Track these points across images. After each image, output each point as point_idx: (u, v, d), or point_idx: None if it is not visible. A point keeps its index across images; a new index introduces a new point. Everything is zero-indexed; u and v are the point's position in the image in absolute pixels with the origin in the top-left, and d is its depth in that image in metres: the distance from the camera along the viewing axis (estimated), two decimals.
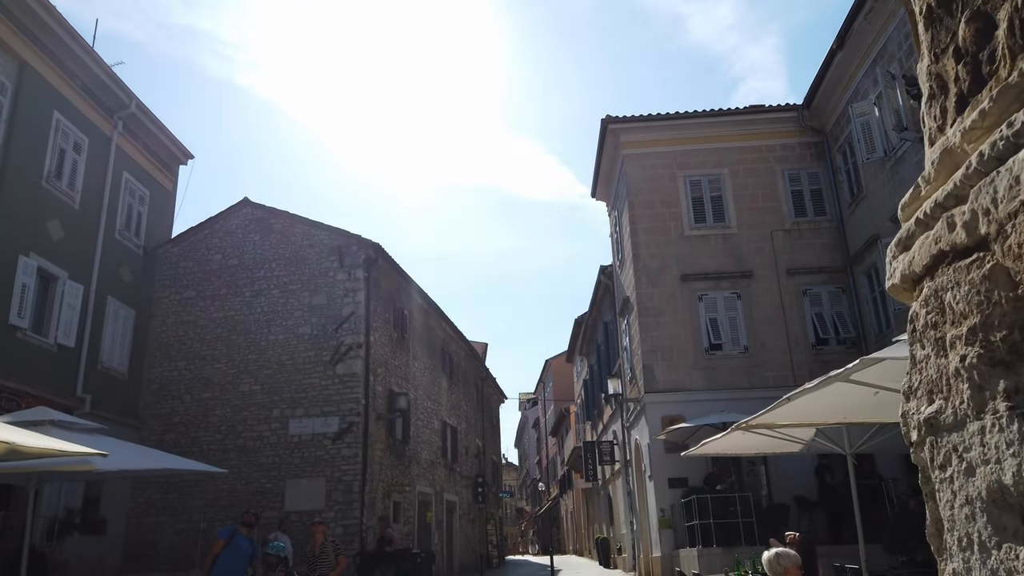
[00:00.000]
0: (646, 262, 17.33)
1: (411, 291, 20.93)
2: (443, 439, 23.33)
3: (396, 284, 19.92)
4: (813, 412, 7.34)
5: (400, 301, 20.26)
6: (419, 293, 21.36)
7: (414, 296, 21.24)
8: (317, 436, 16.77)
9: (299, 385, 17.22)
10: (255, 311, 18.03)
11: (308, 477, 16.51)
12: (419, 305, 21.80)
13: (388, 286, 19.36)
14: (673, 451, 15.97)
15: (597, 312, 24.70)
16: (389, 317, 19.27)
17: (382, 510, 17.43)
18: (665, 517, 15.67)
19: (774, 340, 16.57)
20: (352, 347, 17.20)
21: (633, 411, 18.41)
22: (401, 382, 19.57)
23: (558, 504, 51.19)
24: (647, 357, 16.72)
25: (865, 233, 15.67)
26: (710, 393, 16.14)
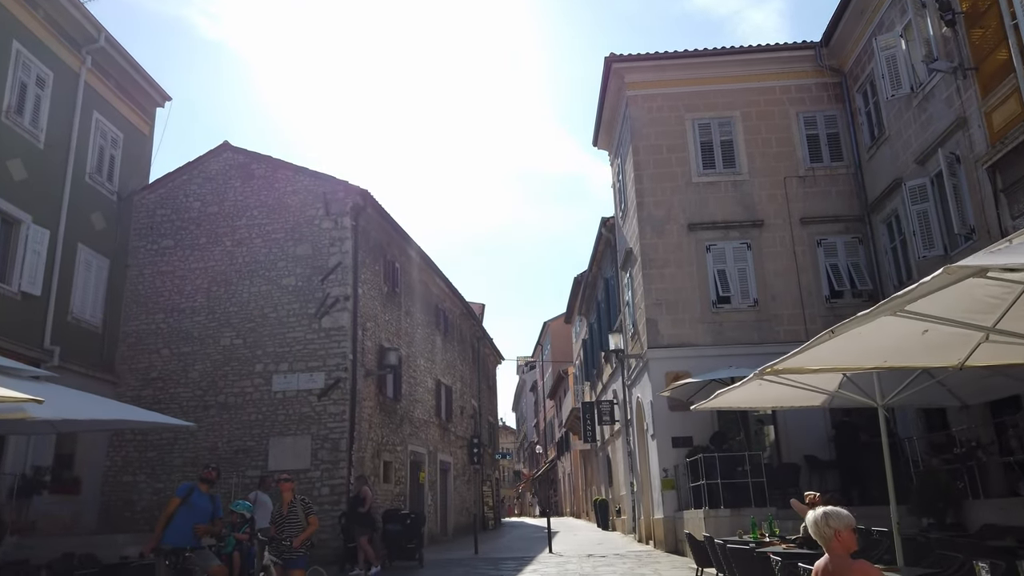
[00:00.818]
0: (651, 211, 16.32)
1: (403, 243, 19.92)
2: (437, 398, 22.52)
3: (387, 235, 18.90)
4: (847, 355, 6.41)
5: (391, 253, 19.27)
6: (411, 246, 20.35)
7: (406, 249, 20.24)
8: (302, 392, 15.91)
9: (283, 339, 16.31)
10: (236, 261, 17.04)
11: (293, 435, 15.70)
12: (411, 258, 20.81)
13: (378, 237, 18.34)
14: (678, 409, 15.16)
15: (597, 268, 23.74)
16: (379, 270, 18.29)
17: (371, 469, 16.65)
18: (668, 478, 14.90)
19: (786, 293, 15.65)
20: (339, 299, 16.25)
21: (635, 368, 17.55)
22: (392, 338, 18.67)
23: (555, 467, 50.86)
24: (651, 311, 15.80)
25: (886, 178, 14.63)
26: (717, 349, 15.27)
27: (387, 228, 18.75)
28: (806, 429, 14.84)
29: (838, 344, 5.94)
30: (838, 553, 3.86)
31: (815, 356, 6.31)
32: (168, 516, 6.88)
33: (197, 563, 6.61)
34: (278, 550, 6.93)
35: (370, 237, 17.75)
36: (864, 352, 6.36)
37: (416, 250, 20.70)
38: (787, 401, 9.54)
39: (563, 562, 13.65)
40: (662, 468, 15.00)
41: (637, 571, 11.73)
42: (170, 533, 6.75)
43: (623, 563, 13.09)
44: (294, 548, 6.89)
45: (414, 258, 20.96)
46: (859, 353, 6.40)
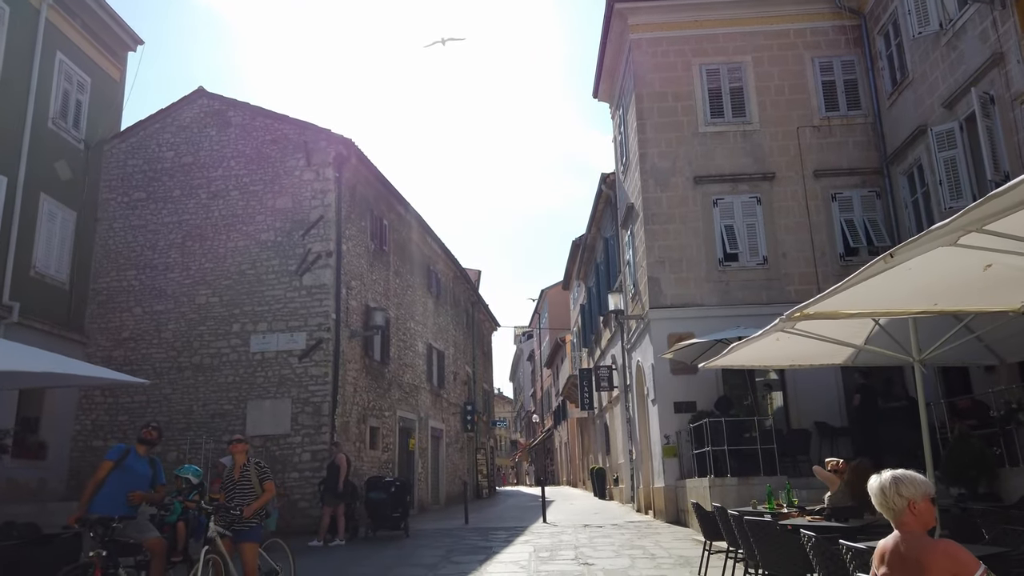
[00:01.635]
0: (654, 162, 15.27)
1: (391, 199, 18.87)
2: (428, 363, 21.64)
3: (374, 190, 17.85)
4: (889, 296, 5.47)
5: (379, 210, 18.23)
6: (400, 202, 19.31)
7: (395, 205, 19.19)
8: (282, 353, 15.00)
9: (262, 297, 15.35)
10: (212, 215, 16.01)
11: (272, 398, 14.81)
12: (401, 216, 19.78)
13: (364, 191, 17.29)
14: (681, 372, 14.27)
15: (596, 229, 22.72)
16: (365, 226, 17.28)
17: (356, 435, 15.81)
18: (670, 445, 14.06)
19: (797, 250, 14.68)
20: (321, 255, 15.26)
21: (635, 330, 16.63)
22: (380, 299, 17.72)
23: (552, 436, 50.32)
24: (653, 269, 14.84)
25: (908, 126, 13.58)
26: (723, 309, 14.34)
27: (374, 182, 17.69)
28: (817, 394, 13.96)
29: (878, 283, 4.98)
30: (912, 530, 2.94)
31: (852, 297, 5.36)
32: (97, 482, 5.96)
33: (129, 534, 5.72)
34: (227, 520, 6.03)
35: (355, 191, 16.71)
36: (913, 292, 5.41)
37: (406, 207, 19.66)
38: (806, 358, 8.62)
39: (557, 533, 12.85)
40: (663, 435, 14.15)
41: (636, 543, 10.92)
42: (99, 501, 5.83)
43: (621, 534, 12.28)
44: (245, 518, 5.98)
45: (404, 216, 19.93)
46: (907, 294, 5.45)
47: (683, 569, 8.36)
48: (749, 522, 5.57)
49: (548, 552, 10.15)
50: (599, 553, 9.87)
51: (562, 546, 10.81)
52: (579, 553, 9.92)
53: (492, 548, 10.83)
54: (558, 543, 11.20)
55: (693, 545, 10.42)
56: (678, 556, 9.35)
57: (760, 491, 11.24)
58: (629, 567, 8.57)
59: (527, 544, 11.24)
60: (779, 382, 14.42)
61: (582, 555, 9.73)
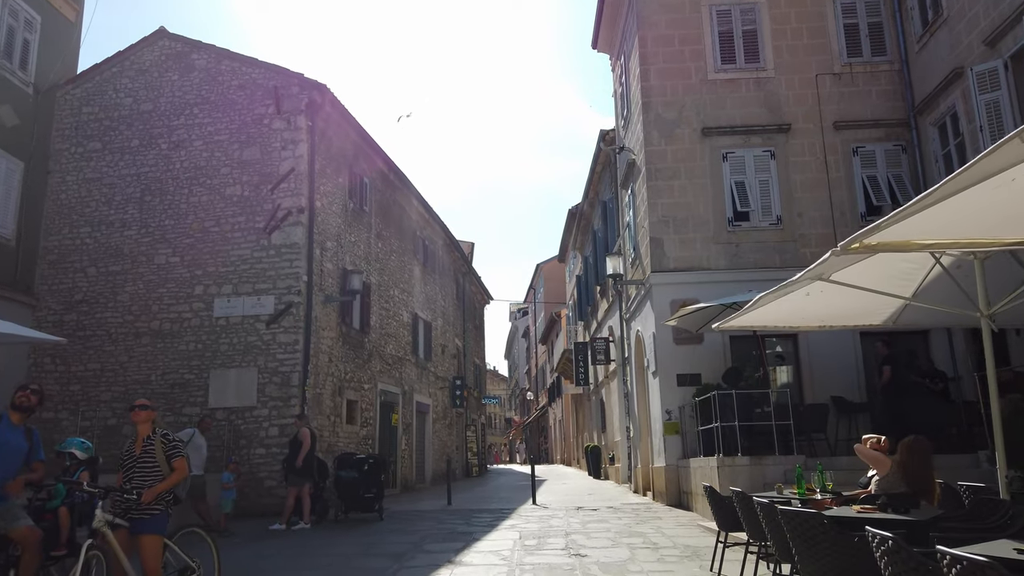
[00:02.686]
0: (659, 112, 13.91)
1: (373, 156, 17.47)
2: (414, 334, 20.36)
3: (353, 144, 16.45)
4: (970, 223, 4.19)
5: (358, 167, 16.83)
6: (383, 160, 17.91)
7: (376, 162, 17.79)
8: (248, 319, 13.69)
9: (227, 257, 14.02)
10: (174, 167, 14.62)
11: (237, 367, 13.53)
12: (383, 175, 18.38)
13: (341, 145, 15.89)
14: (685, 342, 13.03)
15: (594, 194, 21.35)
16: (343, 183, 15.90)
17: (331, 409, 14.56)
18: (672, 421, 12.83)
19: (814, 209, 13.39)
20: (292, 212, 13.91)
21: (635, 298, 15.35)
22: (359, 263, 16.39)
23: (546, 413, 49.28)
24: (656, 229, 13.53)
25: (941, 70, 12.22)
26: (732, 273, 13.08)
27: (353, 135, 16.28)
28: (834, 366, 12.77)
29: (959, 205, 3.71)
30: None
31: (923, 224, 4.07)
32: None
33: None
34: (122, 506, 4.77)
35: (331, 143, 15.31)
36: (1003, 219, 4.12)
37: (388, 164, 18.26)
38: (840, 317, 7.36)
39: (547, 516, 11.65)
40: (665, 410, 12.93)
41: (635, 529, 9.70)
42: None
43: (618, 519, 11.08)
44: (143, 504, 4.72)
45: (387, 175, 18.54)
46: (996, 221, 4.16)
47: (691, 563, 7.14)
48: (786, 512, 4.31)
49: (535, 540, 8.94)
50: (593, 541, 8.65)
51: (552, 532, 9.60)
52: (570, 541, 8.71)
53: (473, 534, 9.61)
54: (547, 529, 9.99)
55: (700, 533, 9.21)
56: (684, 546, 8.13)
57: (774, 473, 10.05)
58: (628, 560, 7.34)
59: (512, 530, 10.02)
60: (792, 353, 13.19)
61: (574, 544, 8.51)
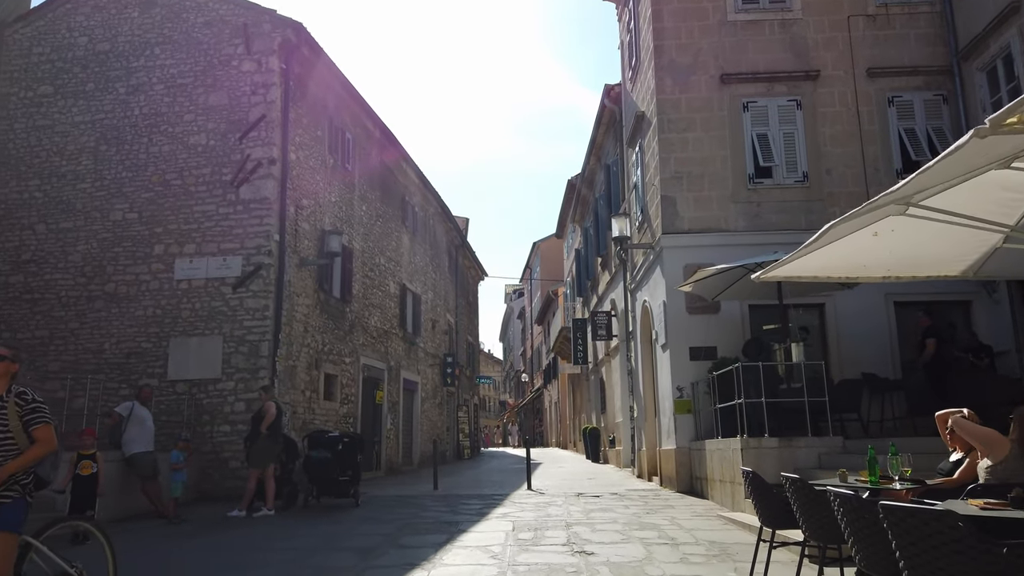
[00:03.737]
0: (672, 57, 12.51)
1: (357, 109, 16.00)
2: (401, 306, 18.99)
3: (334, 95, 14.98)
4: None
5: (340, 120, 15.38)
6: (368, 115, 16.44)
7: (361, 118, 16.33)
8: (213, 282, 12.31)
9: (189, 213, 12.61)
10: (132, 113, 13.17)
11: (200, 335, 12.17)
12: (368, 131, 16.92)
13: (321, 94, 14.43)
14: (699, 312, 11.72)
15: (596, 159, 19.93)
16: (322, 136, 14.46)
17: (306, 383, 13.21)
18: (684, 399, 11.53)
19: (845, 165, 12.05)
20: (262, 163, 12.48)
21: (642, 265, 13.99)
22: (340, 225, 14.98)
23: (541, 395, 48.09)
24: (667, 187, 12.16)
25: (991, 8, 10.82)
26: (753, 236, 11.76)
27: (334, 85, 14.81)
28: (865, 339, 11.49)
29: None
30: None
31: None
32: None
33: None
34: None
35: (308, 91, 13.85)
36: None
37: (375, 120, 16.80)
38: (910, 266, 6.01)
39: (544, 504, 10.36)
40: (676, 387, 11.62)
41: (646, 519, 8.41)
42: None
43: (624, 507, 9.79)
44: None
45: (372, 132, 17.07)
46: None
47: (723, 565, 5.85)
48: (896, 513, 2.98)
49: (531, 532, 7.63)
50: (599, 535, 7.35)
51: (550, 523, 8.29)
52: (572, 535, 7.40)
53: (459, 524, 8.30)
54: (545, 519, 8.69)
55: (722, 526, 7.92)
56: (708, 543, 6.82)
57: (806, 456, 8.75)
58: (644, 560, 6.04)
59: (505, 520, 8.72)
60: (818, 325, 11.88)
61: (577, 538, 7.20)
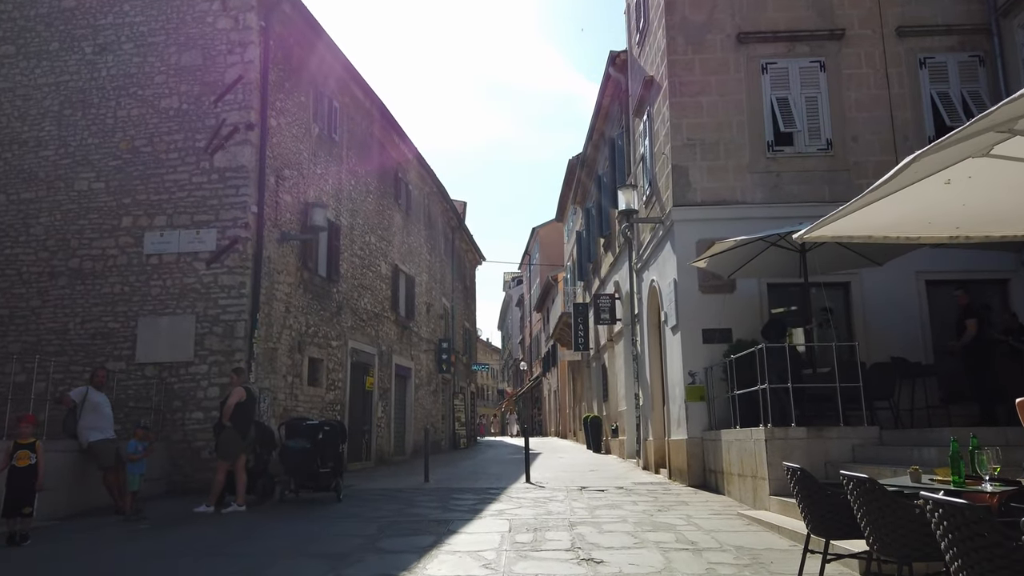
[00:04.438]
0: (685, 14, 11.53)
1: (346, 77, 14.99)
2: (394, 288, 18.04)
3: (319, 59, 13.97)
4: None
5: (327, 87, 14.38)
6: (358, 83, 15.43)
7: (350, 86, 15.32)
8: (185, 256, 11.35)
9: (160, 183, 11.64)
10: (99, 75, 12.17)
11: (171, 314, 11.22)
12: (358, 101, 15.91)
13: (305, 58, 13.43)
14: (713, 291, 10.80)
15: (600, 134, 18.93)
16: (306, 103, 13.47)
17: (288, 368, 12.28)
18: (696, 385, 10.61)
19: (872, 132, 11.10)
20: (239, 128, 11.49)
21: (649, 243, 13.04)
22: (327, 200, 14.01)
23: (540, 384, 47.23)
24: (679, 155, 11.21)
25: None
26: (771, 208, 10.84)
27: (320, 48, 13.79)
28: (893, 321, 10.59)
29: None
30: None
31: None
32: None
33: None
34: None
35: (291, 53, 12.85)
36: None
37: (365, 90, 15.79)
38: (984, 223, 5.07)
39: (544, 499, 9.45)
40: (688, 372, 10.70)
41: (659, 519, 7.51)
42: None
43: (632, 503, 8.89)
44: None
45: (363, 102, 16.06)
46: None
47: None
48: None
49: (530, 534, 6.72)
50: (608, 538, 6.43)
51: (551, 522, 7.38)
52: (577, 537, 6.49)
53: (449, 524, 7.39)
54: (545, 517, 7.77)
55: (745, 526, 7.01)
56: (735, 548, 5.91)
57: (839, 448, 7.83)
58: (663, 571, 5.12)
59: (500, 518, 7.80)
60: (843, 306, 10.95)
61: (582, 540, 6.29)
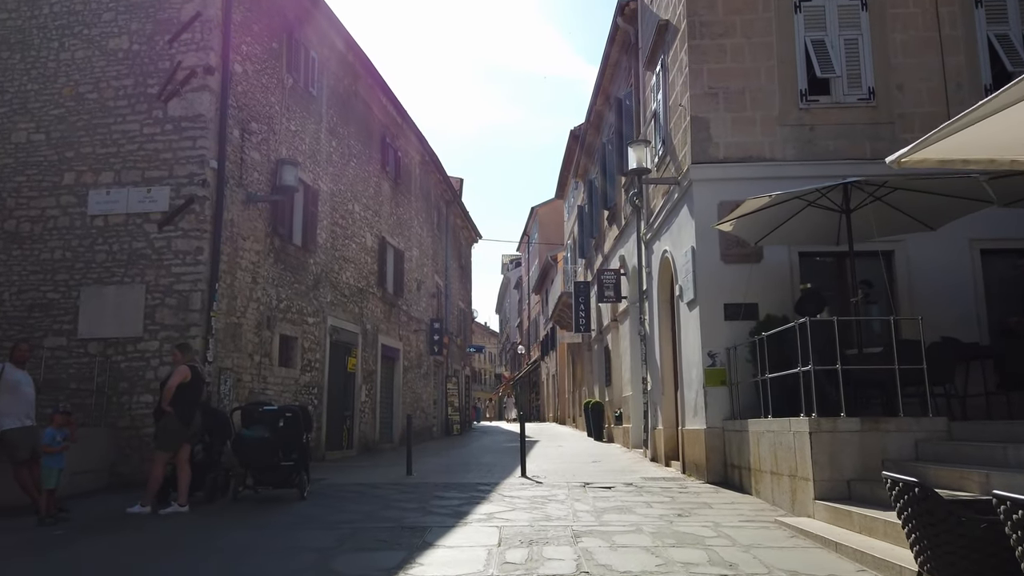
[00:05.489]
0: None
1: (326, 26, 13.53)
2: (380, 262, 16.67)
3: (294, 1, 12.52)
4: None
5: (304, 35, 12.94)
6: (339, 33, 13.98)
7: (331, 36, 13.87)
8: (134, 218, 9.99)
9: (108, 134, 10.24)
10: (40, 13, 10.74)
11: (118, 283, 9.87)
12: (340, 55, 14.47)
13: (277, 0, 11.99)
14: (737, 260, 9.47)
15: (605, 95, 17.47)
16: (278, 50, 12.04)
17: (255, 346, 10.93)
18: (717, 367, 9.27)
19: (920, 79, 9.72)
20: (196, 71, 10.07)
21: (662, 209, 11.65)
22: (303, 160, 12.62)
23: (539, 368, 45.99)
24: (699, 105, 9.82)
25: None
26: (804, 166, 9.50)
27: None
28: (943, 296, 9.23)
29: None
30: None
31: None
32: None
33: None
34: None
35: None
36: None
37: (348, 42, 14.34)
38: None
39: (542, 498, 8.15)
40: (707, 353, 9.36)
41: (681, 527, 6.20)
42: None
43: (645, 504, 7.58)
44: None
45: (346, 55, 14.62)
46: None
47: None
48: None
49: (524, 549, 5.40)
50: (623, 558, 5.11)
51: (550, 532, 6.06)
52: (583, 555, 5.17)
53: (425, 533, 6.07)
54: (543, 524, 6.46)
55: (787, 538, 5.68)
56: (788, 573, 4.58)
57: (901, 444, 6.48)
58: None
59: (489, 525, 6.48)
60: (883, 279, 9.58)
61: (590, 561, 4.98)
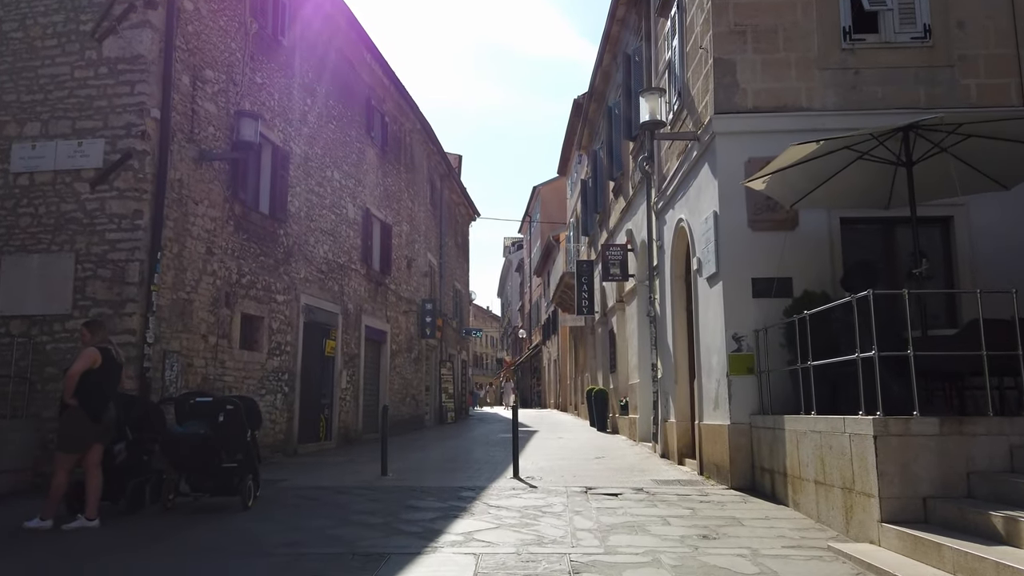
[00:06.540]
0: None
1: None
2: (364, 236, 15.26)
3: None
4: None
5: None
6: None
7: None
8: (63, 176, 8.58)
9: (34, 79, 8.82)
10: None
11: (43, 251, 8.48)
12: (318, 5, 12.97)
13: None
14: (768, 228, 8.10)
15: (612, 55, 15.96)
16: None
17: (210, 326, 9.55)
18: (743, 352, 7.87)
19: (986, 15, 8.27)
20: (135, 5, 8.63)
21: (678, 171, 10.19)
22: (269, 116, 11.19)
23: (540, 353, 44.69)
24: (724, 46, 8.36)
25: None
26: (847, 117, 8.05)
27: None
28: (1015, 268, 7.76)
29: None
30: None
31: None
32: None
33: None
34: None
35: None
36: None
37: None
38: None
39: (535, 510, 6.79)
40: (732, 335, 7.95)
41: (712, 557, 4.90)
42: None
43: (660, 518, 6.23)
44: None
45: (323, 5, 13.12)
46: None
47: None
48: None
49: None
50: None
51: (541, 562, 4.71)
52: None
53: (380, 563, 4.71)
54: (534, 548, 5.10)
55: (852, 574, 4.30)
56: None
57: (992, 451, 5.07)
58: None
59: (464, 550, 5.11)
60: (940, 250, 8.18)
61: None
